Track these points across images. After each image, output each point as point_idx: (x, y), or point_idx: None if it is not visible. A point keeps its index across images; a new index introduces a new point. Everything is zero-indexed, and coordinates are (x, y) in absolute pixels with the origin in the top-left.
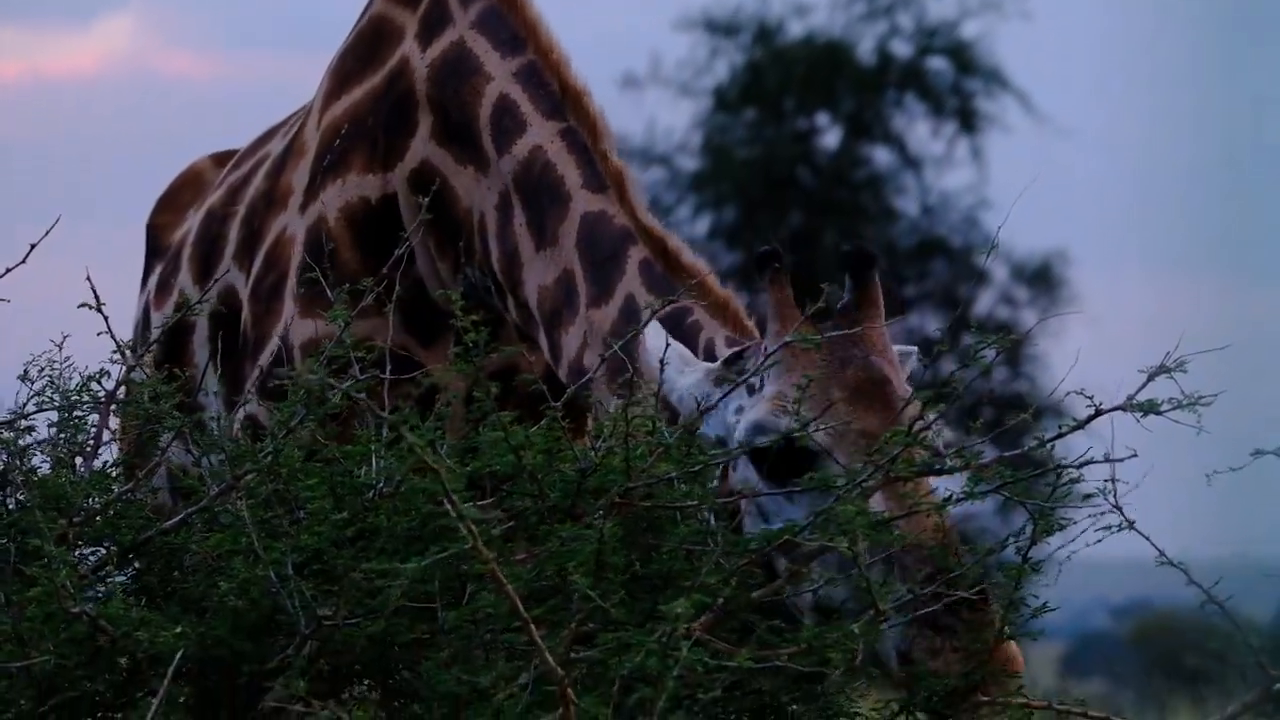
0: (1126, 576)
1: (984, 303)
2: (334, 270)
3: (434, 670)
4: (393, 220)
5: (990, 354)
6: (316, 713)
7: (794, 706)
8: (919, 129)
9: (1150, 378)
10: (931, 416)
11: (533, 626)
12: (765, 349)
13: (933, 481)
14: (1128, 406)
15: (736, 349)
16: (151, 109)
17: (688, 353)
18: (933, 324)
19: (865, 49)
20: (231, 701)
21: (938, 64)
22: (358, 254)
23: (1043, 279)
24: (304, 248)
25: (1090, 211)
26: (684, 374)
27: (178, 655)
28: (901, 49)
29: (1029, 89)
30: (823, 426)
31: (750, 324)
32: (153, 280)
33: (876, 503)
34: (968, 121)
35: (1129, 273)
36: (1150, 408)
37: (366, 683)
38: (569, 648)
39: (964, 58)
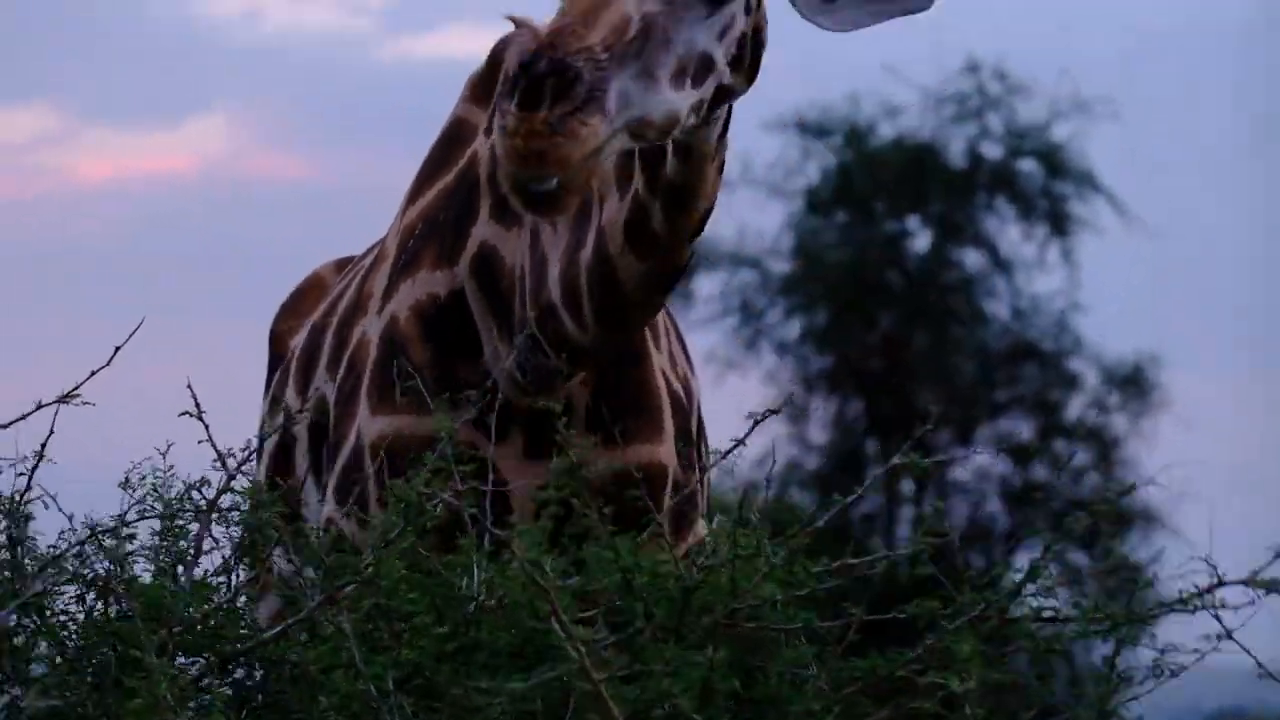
0: (1220, 684)
1: (1075, 407)
2: (404, 369)
3: None
4: (462, 315)
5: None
6: None
7: None
8: (1010, 232)
9: (1278, 555)
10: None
11: None
12: None
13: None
14: (1251, 583)
15: None
16: (243, 209)
17: None
18: (1024, 429)
19: (956, 151)
20: None
21: (1028, 166)
22: (428, 351)
23: (1134, 383)
24: (378, 349)
25: (1185, 314)
26: None
27: None
28: (992, 151)
29: (1121, 191)
30: None
31: None
32: (272, 389)
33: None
34: (1059, 224)
35: (1224, 375)
36: (1274, 587)
37: None
38: None
39: (1055, 160)
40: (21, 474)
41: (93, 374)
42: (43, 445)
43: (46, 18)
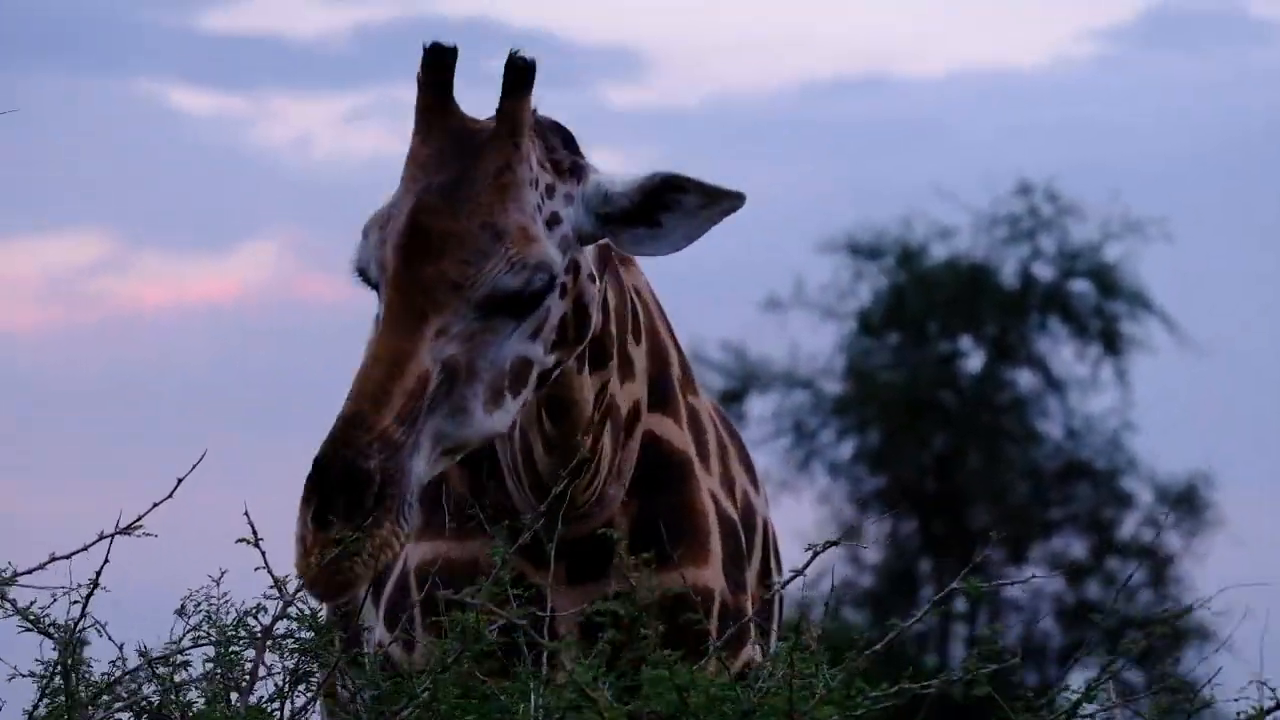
0: None
1: (1128, 525)
2: (447, 496)
3: None
4: (493, 444)
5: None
6: None
7: None
8: (1063, 351)
9: None
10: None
11: None
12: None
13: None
14: None
15: None
16: (292, 333)
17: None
18: (1077, 547)
19: (1008, 272)
20: None
21: (1081, 286)
22: (466, 478)
23: (1188, 501)
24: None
25: (1238, 432)
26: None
27: None
28: (1044, 272)
29: (1173, 310)
30: None
31: None
32: None
33: None
34: (1111, 344)
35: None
36: None
37: None
38: None
39: (1107, 280)
40: (76, 602)
41: (155, 506)
42: (97, 574)
43: (96, 147)
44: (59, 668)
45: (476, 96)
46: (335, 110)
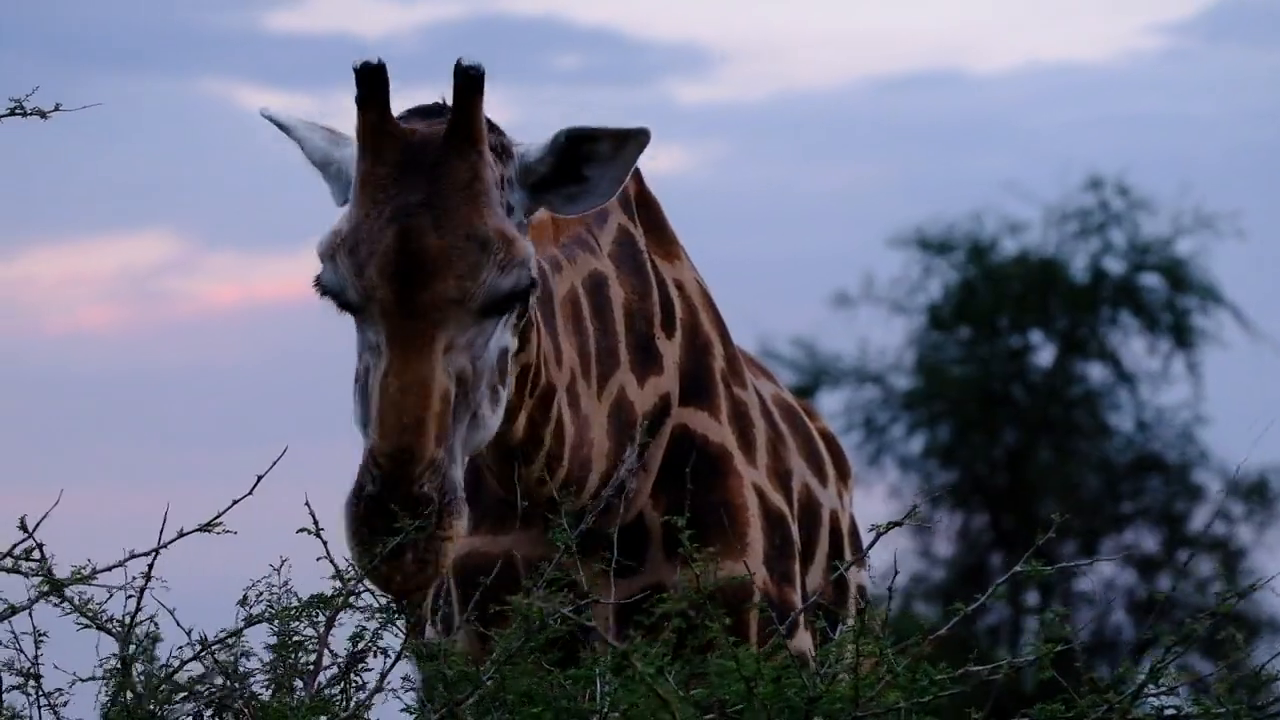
0: None
1: (1199, 518)
2: (481, 492)
3: None
4: None
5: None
6: None
7: None
8: (1133, 345)
9: None
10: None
11: None
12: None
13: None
14: None
15: None
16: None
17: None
18: (1149, 541)
19: (1079, 266)
20: None
21: (1151, 281)
22: (496, 472)
23: (1259, 494)
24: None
25: None
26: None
27: None
28: (1115, 266)
29: (1245, 304)
30: None
31: None
32: None
33: None
34: (1182, 338)
35: None
36: None
37: None
38: None
39: (1178, 275)
40: (131, 595)
41: (234, 503)
42: (149, 567)
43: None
44: (120, 662)
45: (546, 93)
46: (404, 109)
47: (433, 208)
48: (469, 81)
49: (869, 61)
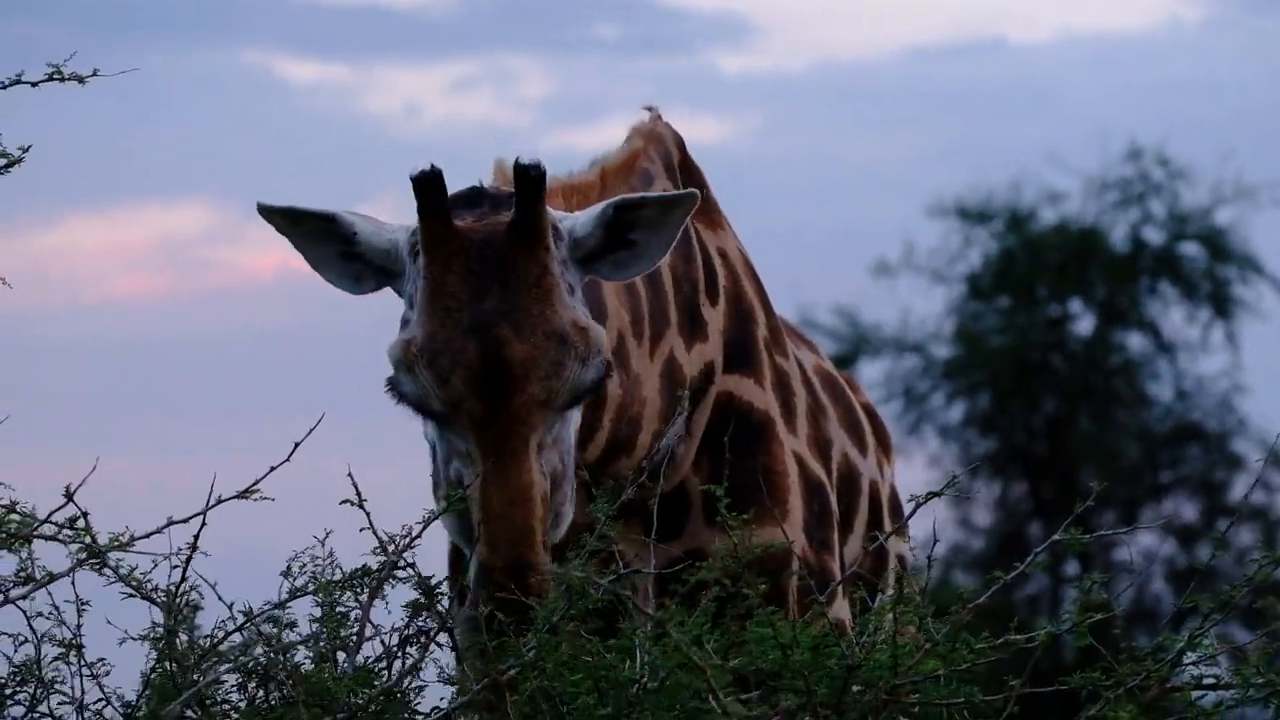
0: None
1: (1239, 487)
2: None
3: None
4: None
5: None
6: None
7: None
8: (1173, 315)
9: None
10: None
11: None
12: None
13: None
14: None
15: None
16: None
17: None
18: (1189, 510)
19: (1118, 236)
20: None
21: (1191, 250)
22: None
23: None
24: None
25: None
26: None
27: None
28: (1154, 236)
29: None
30: None
31: None
32: None
33: None
34: (1222, 307)
35: None
36: None
37: None
38: None
39: (1217, 244)
40: (176, 566)
41: (272, 469)
42: (195, 537)
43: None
44: (163, 632)
45: (586, 63)
46: (443, 78)
47: (510, 313)
48: (530, 182)
49: (909, 31)
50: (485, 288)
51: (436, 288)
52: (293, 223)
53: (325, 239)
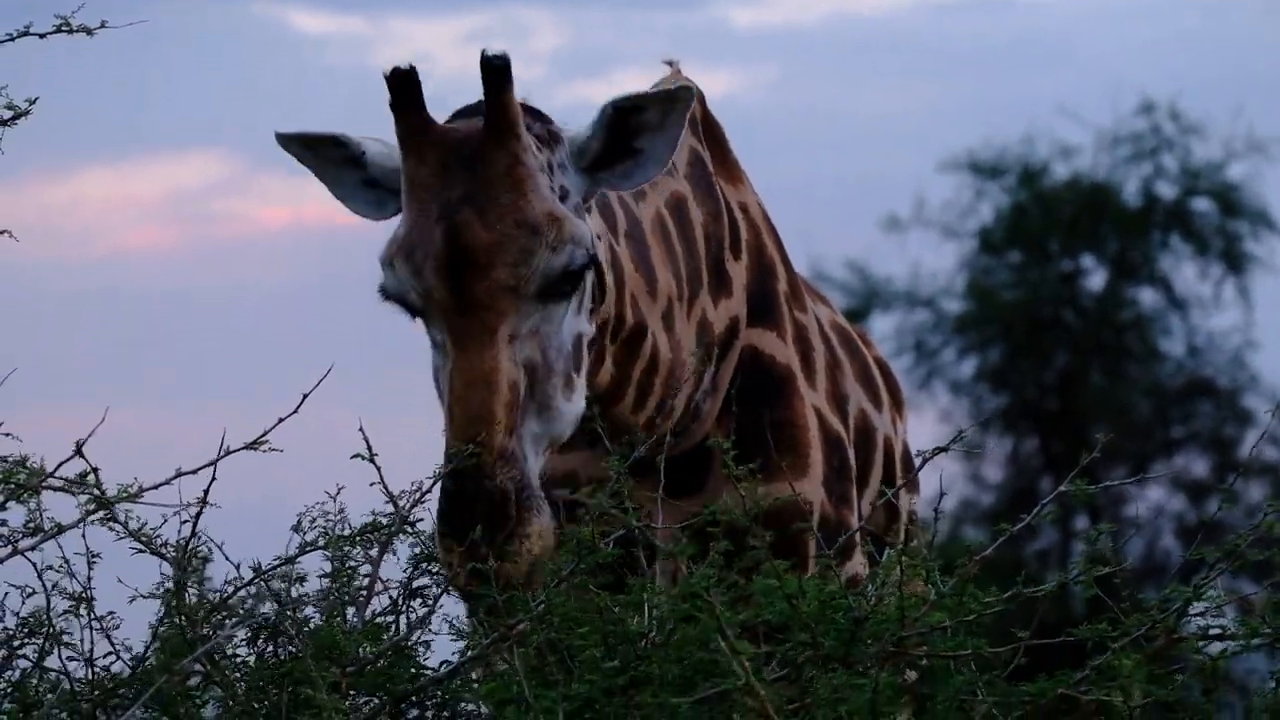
0: None
1: (1249, 443)
2: None
3: None
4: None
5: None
6: None
7: None
8: (1185, 270)
9: None
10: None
11: None
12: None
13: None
14: None
15: None
16: None
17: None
18: (1199, 465)
19: (1130, 191)
20: None
21: (1203, 205)
22: None
23: None
24: None
25: None
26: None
27: None
28: (1166, 191)
29: None
30: None
31: None
32: None
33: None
34: (1234, 263)
35: None
36: None
37: None
38: None
39: (1229, 199)
40: (186, 521)
41: (280, 421)
42: (205, 491)
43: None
44: (172, 586)
45: (596, 17)
46: (455, 31)
47: (476, 200)
48: (496, 72)
49: None
50: (456, 179)
51: (413, 182)
52: (308, 149)
53: (342, 166)
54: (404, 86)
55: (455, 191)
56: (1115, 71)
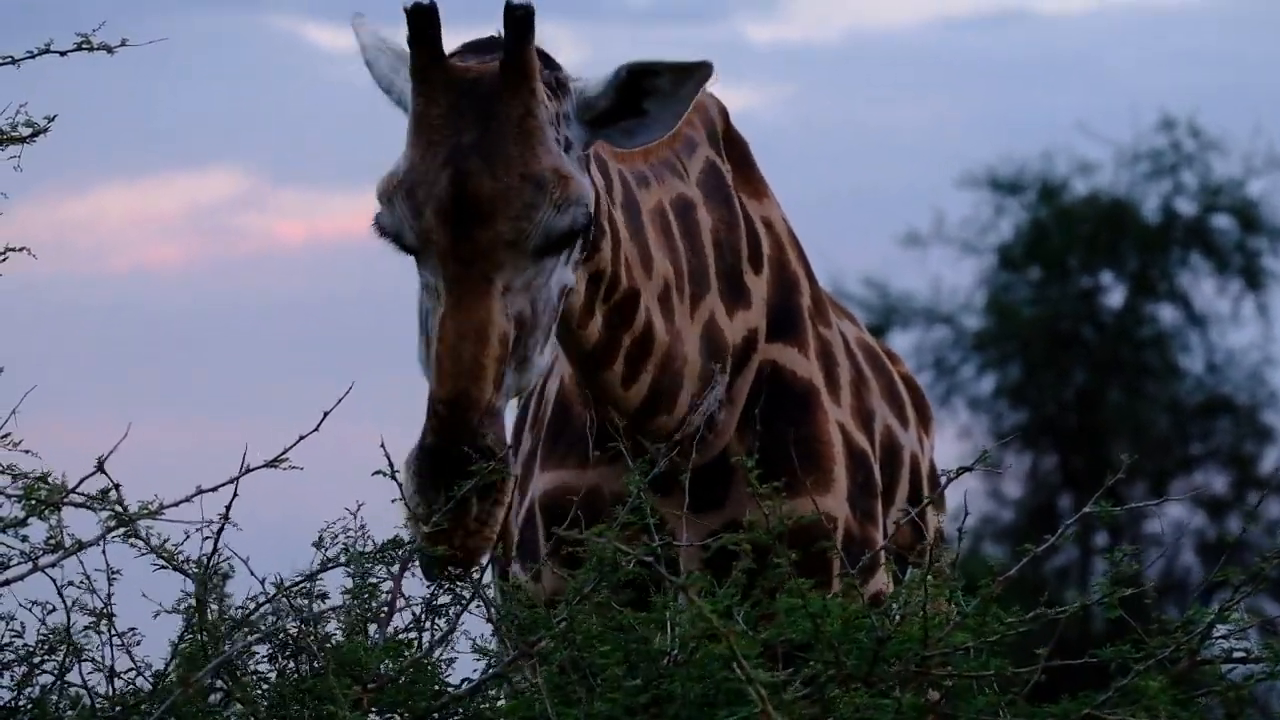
0: None
1: (1270, 460)
2: (569, 425)
3: None
4: None
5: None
6: None
7: None
8: (1204, 286)
9: None
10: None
11: None
12: None
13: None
14: None
15: None
16: None
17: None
18: (1219, 483)
19: (1150, 207)
20: None
21: (1222, 222)
22: (588, 410)
23: None
24: (551, 407)
25: None
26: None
27: None
28: (1186, 207)
29: None
30: None
31: None
32: None
33: None
34: (1253, 279)
35: None
36: None
37: None
38: None
39: (1249, 215)
40: (208, 538)
41: (301, 439)
42: (227, 508)
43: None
44: (194, 602)
45: (620, 32)
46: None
47: (486, 149)
48: (518, 21)
49: (938, 0)
50: (467, 123)
51: (421, 120)
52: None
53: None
54: (422, 22)
55: (465, 137)
56: (1134, 88)
